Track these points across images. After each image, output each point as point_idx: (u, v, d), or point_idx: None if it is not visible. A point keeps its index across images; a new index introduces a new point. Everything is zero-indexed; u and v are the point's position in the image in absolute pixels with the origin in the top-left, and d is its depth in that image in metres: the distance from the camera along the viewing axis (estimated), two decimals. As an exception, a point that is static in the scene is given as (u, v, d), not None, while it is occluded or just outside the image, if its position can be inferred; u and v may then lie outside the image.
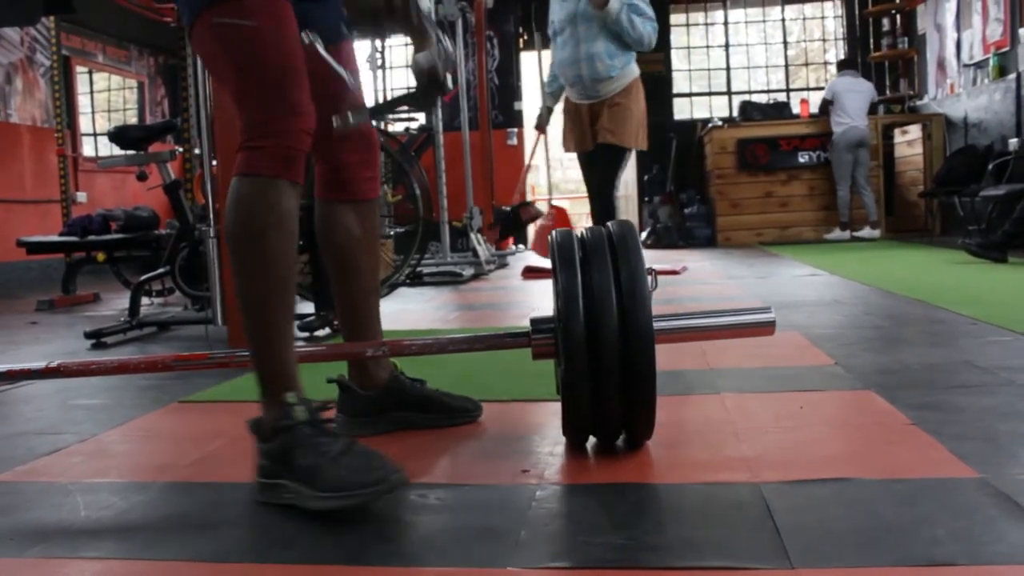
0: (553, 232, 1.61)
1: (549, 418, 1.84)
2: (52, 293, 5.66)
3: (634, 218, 10.06)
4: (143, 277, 3.98)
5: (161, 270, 3.88)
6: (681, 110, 10.21)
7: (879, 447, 1.56)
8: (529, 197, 11.79)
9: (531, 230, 2.87)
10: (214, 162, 3.30)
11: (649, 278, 1.52)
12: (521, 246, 10.34)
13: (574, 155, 4.86)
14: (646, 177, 9.68)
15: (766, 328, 1.64)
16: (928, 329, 2.85)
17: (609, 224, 1.60)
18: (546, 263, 6.31)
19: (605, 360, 1.46)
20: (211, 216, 3.23)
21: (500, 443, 1.71)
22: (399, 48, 10.30)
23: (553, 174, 22.62)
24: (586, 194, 4.84)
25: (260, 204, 1.41)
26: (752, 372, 2.26)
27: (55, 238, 5.25)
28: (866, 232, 8.08)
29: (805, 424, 1.74)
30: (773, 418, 1.80)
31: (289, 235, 1.43)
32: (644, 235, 9.39)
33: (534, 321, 1.60)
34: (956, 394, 1.89)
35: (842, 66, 8.58)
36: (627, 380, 1.47)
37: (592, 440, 1.62)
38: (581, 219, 13.72)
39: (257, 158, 1.41)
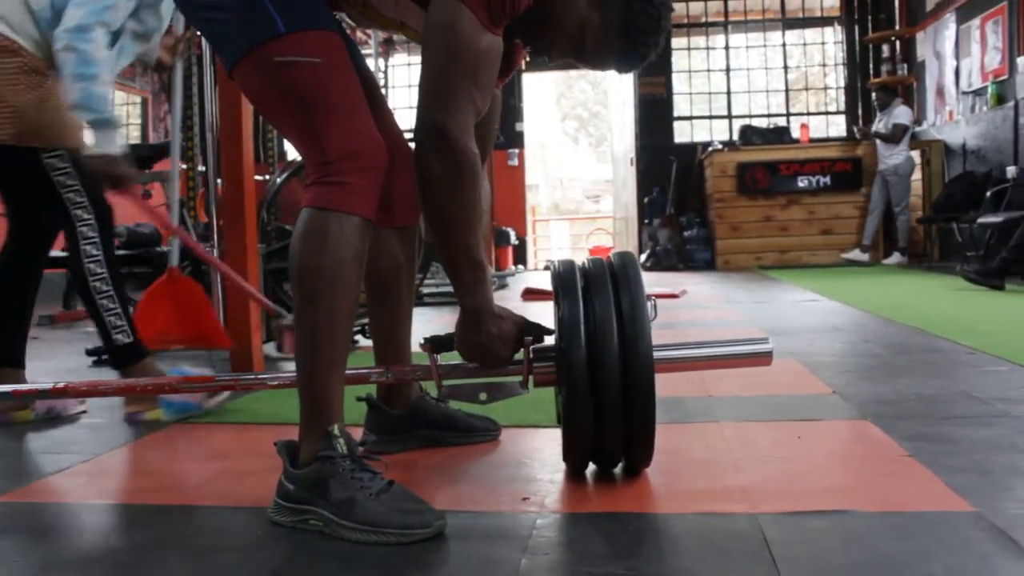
0: (555, 261, 1.64)
1: (548, 444, 1.86)
2: (53, 308, 5.68)
3: (634, 240, 10.11)
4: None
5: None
6: (681, 133, 10.27)
7: (876, 479, 1.57)
8: (530, 219, 11.86)
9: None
10: (219, 180, 3.32)
11: (649, 306, 1.54)
12: (520, 266, 10.37)
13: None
14: (646, 199, 9.72)
15: (764, 358, 1.66)
16: (926, 358, 2.87)
17: (611, 254, 1.62)
18: (545, 286, 6.33)
19: (606, 389, 1.48)
20: (215, 235, 3.26)
21: (501, 469, 1.73)
22: (402, 68, 10.38)
23: (552, 194, 22.77)
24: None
25: (332, 239, 1.41)
26: (750, 400, 2.28)
27: (58, 253, 5.26)
28: (895, 258, 8.19)
29: (803, 454, 1.75)
30: (771, 447, 1.81)
31: (357, 272, 1.45)
32: (643, 258, 9.43)
33: (535, 350, 1.62)
34: (953, 425, 1.91)
35: (897, 93, 8.62)
36: (627, 408, 1.49)
37: (591, 467, 1.63)
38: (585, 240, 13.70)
39: (332, 193, 1.42)
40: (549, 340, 1.61)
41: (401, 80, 10.30)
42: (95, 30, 2.18)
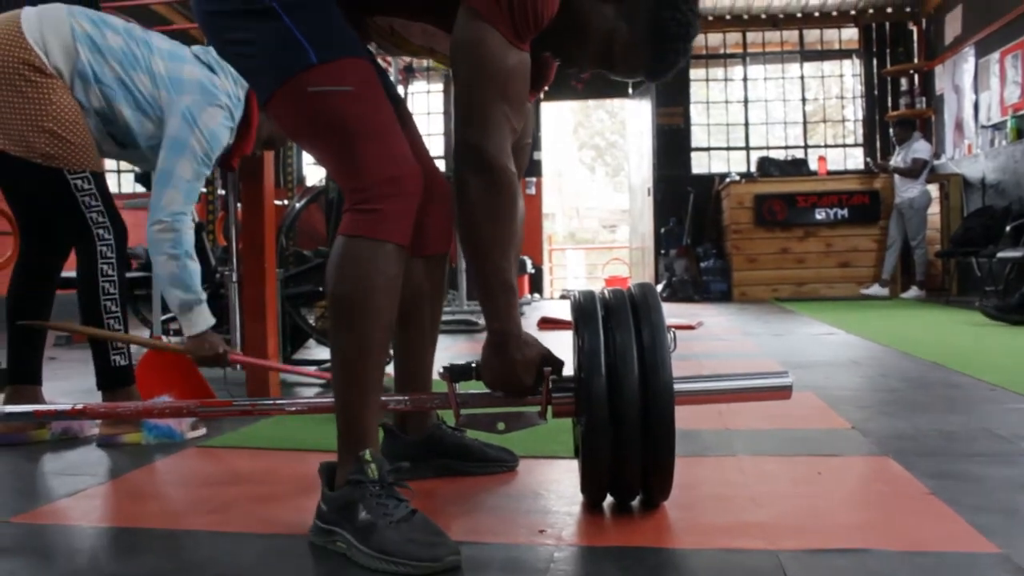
0: (576, 291, 1.63)
1: (565, 475, 1.84)
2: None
3: (650, 270, 10.10)
4: (162, 317, 4.01)
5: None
6: (699, 164, 10.29)
7: (898, 517, 1.55)
8: (546, 247, 11.88)
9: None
10: (238, 204, 3.34)
11: (669, 337, 1.53)
12: (537, 295, 10.37)
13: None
14: (663, 230, 9.72)
15: (784, 392, 1.65)
16: (946, 394, 2.84)
17: (631, 285, 1.62)
18: (561, 315, 6.31)
19: (625, 421, 1.47)
20: (234, 259, 3.27)
21: (518, 500, 1.71)
22: (420, 95, 10.45)
23: (569, 223, 22.80)
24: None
25: (368, 267, 1.42)
26: (769, 434, 2.26)
27: (68, 274, 5.30)
28: (913, 293, 8.15)
29: (823, 490, 1.73)
30: (790, 483, 1.79)
31: (393, 300, 1.46)
32: (660, 288, 9.41)
33: (554, 380, 1.61)
34: (975, 463, 1.88)
35: (915, 127, 8.62)
36: (647, 441, 1.48)
37: (609, 499, 1.62)
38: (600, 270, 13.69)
39: (368, 221, 1.43)
40: (567, 371, 1.61)
41: (420, 108, 10.37)
42: (187, 214, 2.35)
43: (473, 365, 1.61)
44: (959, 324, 5.42)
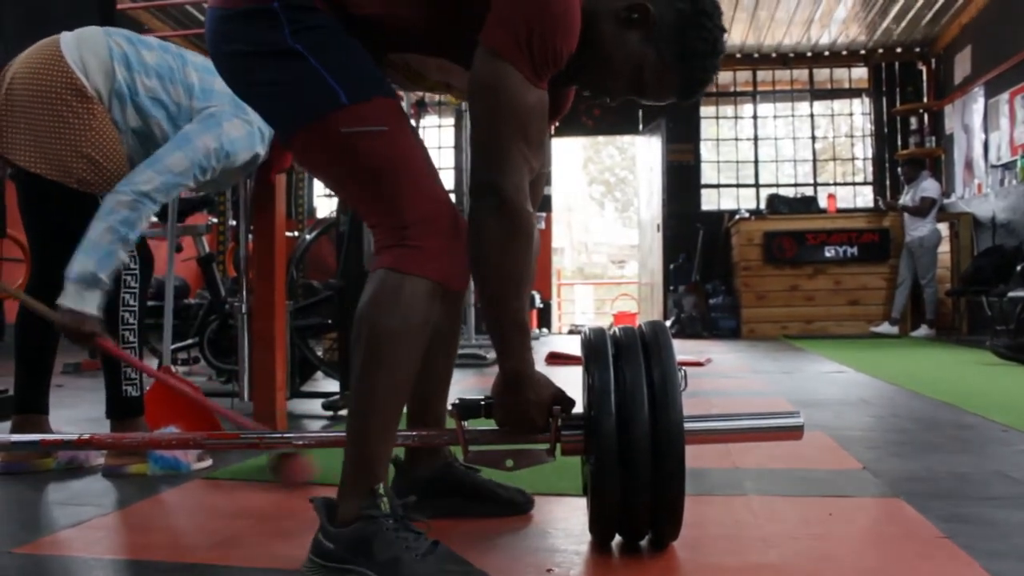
0: (586, 328, 1.63)
1: (572, 513, 1.82)
2: (79, 355, 5.71)
3: (659, 306, 10.08)
4: (172, 346, 4.01)
5: (189, 341, 3.91)
6: (708, 201, 10.31)
7: (912, 561, 1.53)
8: (555, 282, 11.87)
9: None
10: (250, 235, 3.34)
11: (679, 376, 1.52)
12: (545, 330, 10.35)
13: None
14: (672, 266, 9.72)
15: (795, 432, 1.63)
16: (957, 435, 2.81)
17: (642, 323, 1.61)
18: (569, 350, 6.29)
19: (635, 460, 1.45)
20: (243, 291, 3.27)
21: (525, 538, 1.70)
22: (432, 129, 10.52)
23: (577, 258, 22.82)
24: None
25: (404, 303, 1.41)
26: (778, 474, 2.23)
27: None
28: (923, 331, 8.12)
29: (834, 532, 1.71)
30: (801, 524, 1.77)
31: (423, 337, 1.45)
32: (668, 324, 9.38)
33: (564, 418, 1.60)
34: (989, 506, 1.86)
35: (924, 166, 8.61)
36: (656, 481, 1.47)
37: (617, 538, 1.60)
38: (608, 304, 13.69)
39: (409, 257, 1.42)
40: (577, 408, 1.60)
41: (432, 142, 10.43)
42: (155, 203, 2.23)
43: (482, 403, 1.60)
44: (970, 364, 5.38)
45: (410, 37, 1.56)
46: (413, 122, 7.27)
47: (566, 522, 1.78)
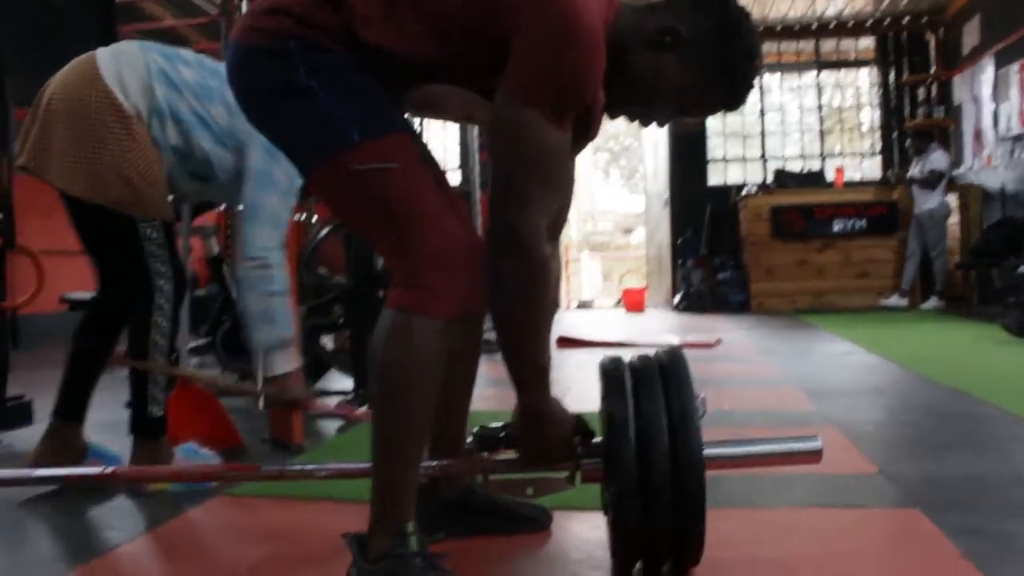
0: (605, 358, 1.64)
1: (593, 532, 1.83)
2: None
3: (667, 281, 10.08)
4: (189, 346, 4.04)
5: (202, 341, 3.94)
6: (716, 174, 10.27)
7: (930, 585, 1.55)
8: (563, 258, 11.85)
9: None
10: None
11: (698, 402, 1.54)
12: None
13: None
14: (680, 240, 9.70)
15: (813, 456, 1.66)
16: (972, 429, 2.82)
17: (660, 351, 1.62)
18: (580, 332, 6.30)
19: (656, 490, 1.47)
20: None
21: (548, 564, 1.72)
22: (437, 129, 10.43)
23: (584, 227, 22.80)
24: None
25: (416, 343, 1.42)
26: (795, 480, 2.24)
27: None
28: (932, 303, 8.11)
29: (853, 551, 1.72)
30: (820, 542, 1.79)
31: (438, 373, 1.46)
32: (677, 299, 9.40)
33: (583, 445, 1.61)
34: (1006, 518, 1.87)
35: (932, 138, 8.57)
36: (676, 508, 1.48)
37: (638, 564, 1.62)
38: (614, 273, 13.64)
39: (419, 297, 1.42)
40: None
41: (436, 142, 10.36)
42: (279, 249, 2.31)
43: (502, 435, 1.61)
44: (980, 341, 5.39)
45: (435, 72, 1.55)
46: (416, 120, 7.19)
47: (587, 543, 1.79)
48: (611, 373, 1.58)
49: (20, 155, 2.30)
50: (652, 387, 1.54)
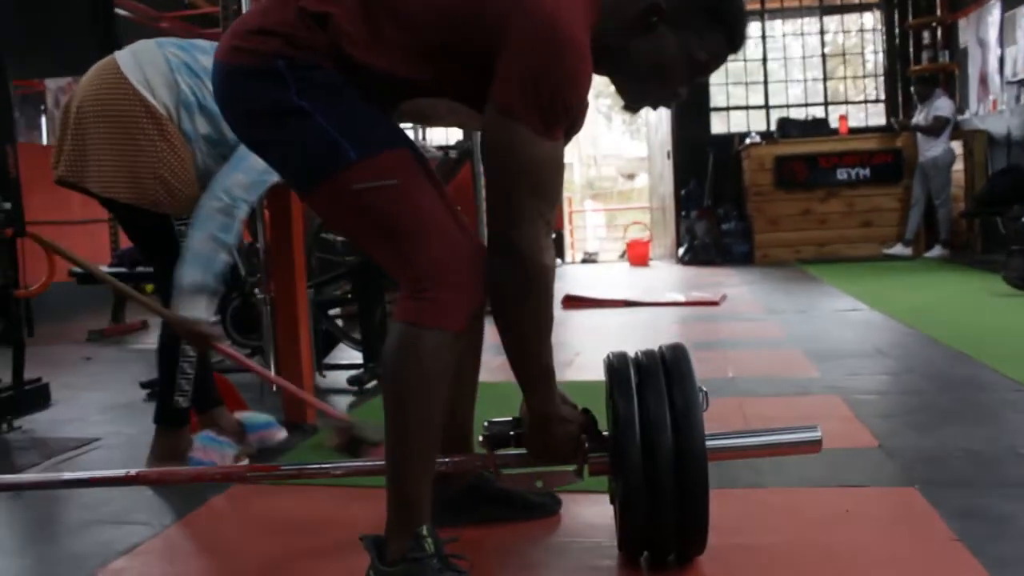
0: (609, 354, 1.69)
1: (600, 520, 1.89)
2: (101, 319, 5.81)
3: (671, 232, 10.08)
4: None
5: (213, 319, 3.98)
6: (719, 123, 10.20)
7: (921, 571, 1.61)
8: (566, 209, 11.83)
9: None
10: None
11: (701, 396, 1.59)
12: (559, 260, 10.39)
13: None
14: (683, 191, 9.68)
15: (813, 447, 1.71)
16: (972, 397, 2.87)
17: (663, 347, 1.67)
18: (588, 291, 6.33)
19: (660, 483, 1.53)
20: (266, 278, 3.31)
21: (557, 553, 1.79)
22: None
23: (587, 172, 22.65)
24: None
25: (424, 355, 1.46)
26: (795, 456, 2.30)
27: (105, 268, 5.40)
28: (937, 251, 8.13)
29: (850, 536, 1.78)
30: (819, 525, 1.84)
31: (447, 383, 1.50)
32: (681, 251, 9.41)
33: (589, 440, 1.67)
34: (1002, 497, 1.92)
35: (937, 84, 8.47)
36: (681, 499, 1.54)
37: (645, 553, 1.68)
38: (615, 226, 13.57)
39: (425, 310, 1.46)
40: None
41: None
42: (247, 204, 2.30)
43: (512, 433, 1.67)
44: (984, 294, 5.42)
45: (423, 87, 1.57)
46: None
47: (595, 530, 1.85)
48: (617, 369, 1.64)
49: (56, 167, 2.33)
50: (656, 383, 1.59)
